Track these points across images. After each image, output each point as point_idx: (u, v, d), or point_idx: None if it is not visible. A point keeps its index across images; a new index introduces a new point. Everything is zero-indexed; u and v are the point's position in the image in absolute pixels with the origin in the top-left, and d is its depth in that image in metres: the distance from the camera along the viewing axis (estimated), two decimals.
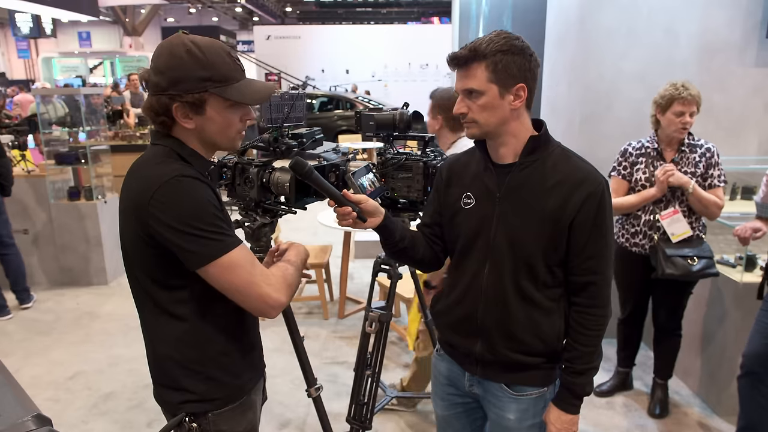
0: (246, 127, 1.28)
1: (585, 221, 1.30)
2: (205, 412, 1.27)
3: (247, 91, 1.20)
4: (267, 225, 2.02)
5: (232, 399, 1.30)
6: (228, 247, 1.14)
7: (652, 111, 2.53)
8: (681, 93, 2.39)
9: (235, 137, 1.25)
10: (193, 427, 1.27)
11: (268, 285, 1.17)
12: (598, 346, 1.37)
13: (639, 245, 2.61)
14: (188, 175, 1.15)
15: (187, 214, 1.12)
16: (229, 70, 1.18)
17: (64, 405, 2.97)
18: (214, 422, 1.28)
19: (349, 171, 1.82)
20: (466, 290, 1.42)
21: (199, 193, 1.14)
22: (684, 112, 2.41)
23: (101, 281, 4.67)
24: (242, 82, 1.21)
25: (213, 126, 1.20)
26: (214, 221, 1.14)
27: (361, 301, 4.10)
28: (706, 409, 2.86)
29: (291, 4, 26.06)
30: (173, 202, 1.12)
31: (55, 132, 4.72)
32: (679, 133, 2.46)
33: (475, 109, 1.30)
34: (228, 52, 1.20)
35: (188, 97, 1.15)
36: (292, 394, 3.00)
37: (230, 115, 1.21)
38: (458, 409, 1.56)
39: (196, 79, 1.14)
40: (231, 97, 1.18)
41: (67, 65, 23.35)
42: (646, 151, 2.56)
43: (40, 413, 0.74)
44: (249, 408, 1.36)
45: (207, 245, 1.12)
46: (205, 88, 1.15)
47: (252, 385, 1.37)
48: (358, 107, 11.08)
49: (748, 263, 2.71)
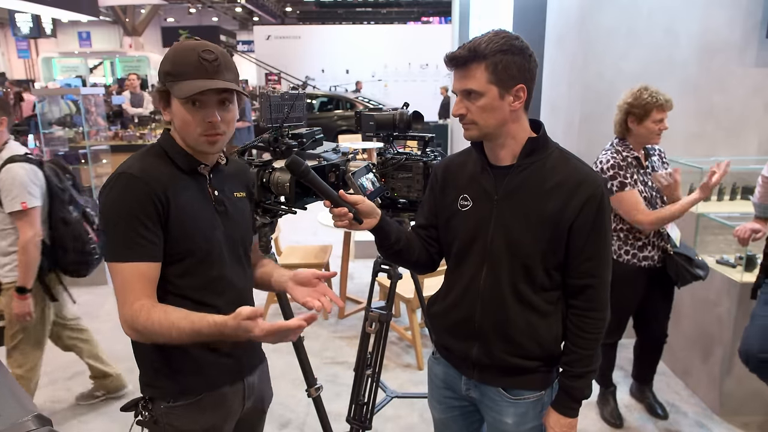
0: (216, 130, 1.23)
1: (584, 224, 1.29)
2: (156, 400, 1.30)
3: (184, 87, 1.19)
4: (267, 225, 2.02)
5: (183, 394, 1.30)
6: (117, 256, 1.19)
7: (621, 119, 2.43)
8: (659, 100, 2.33)
9: (198, 138, 1.23)
10: (145, 414, 1.31)
11: (122, 311, 1.19)
12: (596, 349, 1.36)
13: (649, 258, 2.47)
14: (133, 174, 1.20)
15: (107, 210, 1.20)
16: (186, 68, 1.20)
17: (64, 405, 2.97)
18: (166, 414, 1.30)
19: (349, 171, 1.82)
20: (463, 293, 1.40)
21: (127, 195, 1.18)
22: (663, 118, 2.37)
23: (101, 281, 4.66)
24: (194, 80, 1.19)
25: (177, 121, 1.25)
26: (125, 227, 1.18)
27: (361, 301, 4.09)
28: (706, 409, 2.86)
29: (291, 4, 26.06)
30: (106, 196, 1.20)
31: (57, 132, 4.73)
32: (656, 140, 2.42)
33: (474, 110, 1.28)
34: (199, 52, 1.20)
35: (160, 87, 1.24)
36: (292, 394, 3.00)
37: (186, 113, 1.21)
38: (455, 412, 1.55)
39: (162, 72, 1.23)
40: (170, 90, 1.22)
41: (67, 65, 23.35)
42: (629, 161, 2.42)
43: (40, 413, 0.74)
44: (208, 410, 1.34)
45: (109, 244, 1.20)
46: (164, 81, 1.23)
47: (208, 386, 1.33)
48: (358, 107, 11.09)
49: (748, 263, 2.71)
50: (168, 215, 1.21)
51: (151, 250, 1.19)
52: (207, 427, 1.34)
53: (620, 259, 2.49)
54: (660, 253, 2.48)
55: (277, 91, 1.91)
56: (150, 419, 1.30)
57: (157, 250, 1.21)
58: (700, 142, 3.44)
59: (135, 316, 1.17)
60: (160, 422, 1.30)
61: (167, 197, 1.21)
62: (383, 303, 2.17)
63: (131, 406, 1.34)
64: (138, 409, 1.32)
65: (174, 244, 1.23)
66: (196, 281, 1.28)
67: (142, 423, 1.32)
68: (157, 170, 1.23)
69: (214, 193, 1.33)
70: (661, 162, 2.56)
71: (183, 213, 1.24)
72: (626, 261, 2.49)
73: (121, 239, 1.18)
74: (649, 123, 2.37)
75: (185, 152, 1.28)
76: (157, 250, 1.21)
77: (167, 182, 1.23)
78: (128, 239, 1.17)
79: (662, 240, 2.48)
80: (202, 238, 1.27)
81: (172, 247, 1.23)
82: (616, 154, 2.43)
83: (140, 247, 1.18)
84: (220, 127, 1.24)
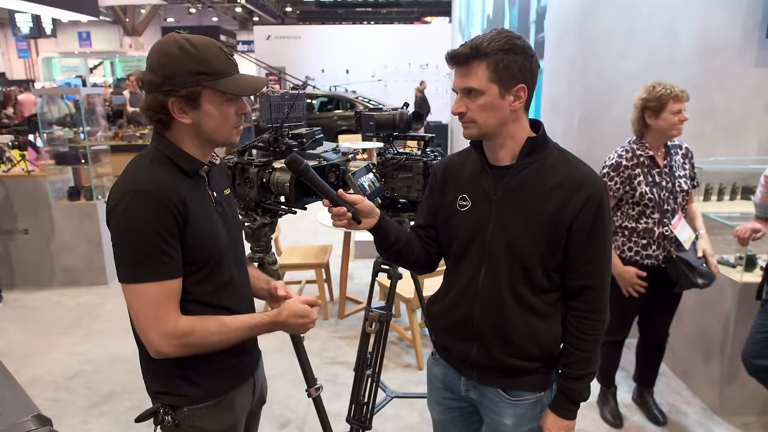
0: (242, 121, 1.28)
1: (584, 225, 1.28)
2: (180, 406, 1.29)
3: (239, 84, 1.21)
4: (267, 225, 2.02)
5: (206, 397, 1.30)
6: (135, 278, 1.16)
7: (638, 116, 2.42)
8: (673, 91, 2.33)
9: (231, 132, 1.26)
10: (167, 420, 1.29)
11: (157, 330, 1.17)
12: (595, 350, 1.35)
13: (653, 257, 2.45)
14: (148, 190, 1.15)
15: (120, 231, 1.16)
16: (221, 65, 1.19)
17: (64, 405, 2.97)
18: (189, 417, 1.29)
19: (349, 171, 1.82)
20: (462, 294, 1.40)
21: (143, 213, 1.14)
22: (681, 109, 2.35)
23: (101, 281, 4.67)
24: (235, 75, 1.22)
25: (210, 120, 1.21)
26: (140, 246, 1.14)
27: (361, 301, 4.09)
28: (706, 410, 2.86)
29: (291, 4, 26.05)
30: (118, 216, 1.16)
31: (57, 132, 4.72)
32: (677, 132, 2.38)
33: (474, 108, 1.27)
34: (220, 47, 1.21)
35: (183, 92, 1.16)
36: (292, 394, 3.00)
37: (226, 108, 1.22)
38: (454, 413, 1.55)
39: (189, 73, 1.16)
40: (225, 89, 1.19)
41: (67, 65, 23.38)
42: (640, 160, 2.40)
43: (40, 413, 0.74)
44: (228, 408, 1.35)
45: (122, 266, 1.17)
46: (199, 82, 1.17)
47: (230, 386, 1.35)
48: (358, 107, 11.08)
49: (748, 263, 2.71)
50: (186, 224, 1.19)
51: (175, 266, 1.18)
52: (227, 427, 1.35)
53: (623, 255, 2.49)
54: (665, 253, 2.45)
55: (276, 91, 1.91)
56: (172, 423, 1.29)
57: (179, 265, 1.19)
58: (700, 142, 3.43)
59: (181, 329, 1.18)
60: (183, 425, 1.29)
61: (185, 205, 1.18)
62: (383, 303, 2.17)
63: (149, 415, 1.31)
64: (158, 417, 1.30)
65: (193, 254, 1.21)
66: (209, 287, 1.27)
67: (164, 429, 1.31)
68: (169, 179, 1.20)
69: (213, 194, 1.32)
70: (686, 161, 2.50)
71: (197, 220, 1.22)
72: (629, 257, 2.48)
73: (144, 258, 1.14)
74: (667, 114, 2.35)
75: (189, 156, 1.25)
76: (179, 265, 1.19)
77: (181, 190, 1.19)
78: (151, 258, 1.14)
79: (667, 241, 2.44)
80: (214, 243, 1.26)
81: (191, 257, 1.21)
82: (625, 153, 2.43)
83: (165, 265, 1.16)
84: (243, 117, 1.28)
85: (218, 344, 1.23)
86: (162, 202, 1.15)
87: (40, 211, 4.58)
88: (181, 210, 1.17)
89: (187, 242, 1.19)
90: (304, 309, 1.33)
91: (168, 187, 1.17)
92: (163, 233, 1.14)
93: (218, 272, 1.28)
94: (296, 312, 1.32)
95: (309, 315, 1.33)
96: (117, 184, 1.19)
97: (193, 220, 1.20)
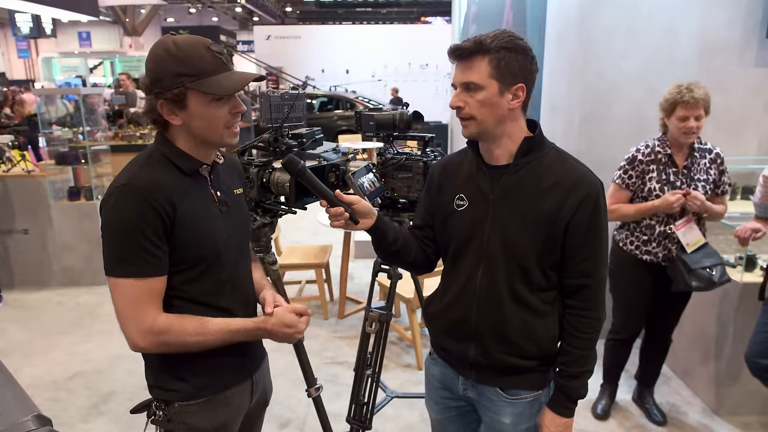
0: (237, 120, 1.27)
1: (580, 224, 1.29)
2: (172, 402, 1.30)
3: (223, 83, 1.19)
4: (267, 225, 2.02)
5: (197, 394, 1.31)
6: (117, 272, 1.18)
7: (660, 114, 2.42)
8: (684, 96, 2.26)
9: (222, 132, 1.24)
10: (159, 414, 1.30)
11: (135, 325, 1.18)
12: (592, 349, 1.36)
13: (652, 253, 2.46)
14: (135, 186, 1.16)
15: (107, 223, 1.18)
16: (205, 64, 1.18)
17: (64, 405, 2.97)
18: (180, 413, 1.30)
19: (349, 171, 1.82)
20: (460, 293, 1.40)
21: (128, 209, 1.15)
22: (688, 116, 2.27)
23: (101, 281, 4.66)
24: (221, 74, 1.20)
25: (198, 121, 1.21)
26: (130, 242, 1.16)
27: (361, 301, 4.09)
28: (706, 410, 2.86)
29: (291, 4, 26.06)
30: (108, 210, 1.18)
31: (56, 132, 4.73)
32: (685, 138, 2.33)
33: (472, 104, 1.27)
34: (207, 47, 1.19)
35: (168, 94, 1.17)
36: (292, 394, 3.00)
37: (213, 109, 1.20)
38: (452, 412, 1.55)
39: (172, 75, 1.17)
40: (207, 90, 1.18)
41: (67, 65, 23.37)
42: (657, 157, 2.39)
43: (40, 413, 0.74)
44: (220, 407, 1.35)
45: (108, 259, 1.19)
46: (182, 83, 1.17)
47: (223, 386, 1.35)
48: (358, 107, 11.09)
49: (748, 263, 2.71)
50: (174, 223, 1.19)
51: (158, 265, 1.19)
52: (218, 425, 1.35)
53: (624, 248, 2.55)
54: (666, 252, 2.45)
55: (277, 91, 1.91)
56: (164, 418, 1.30)
57: (163, 264, 1.20)
58: None
59: (157, 326, 1.19)
60: (174, 420, 1.31)
61: (173, 205, 1.19)
62: (383, 303, 2.17)
63: (142, 407, 1.33)
64: (151, 409, 1.32)
65: (184, 252, 1.22)
66: (206, 286, 1.27)
67: (155, 422, 1.32)
68: (160, 178, 1.20)
69: (216, 193, 1.32)
70: (713, 166, 2.42)
71: (190, 219, 1.22)
72: (629, 250, 2.53)
73: (127, 254, 1.16)
74: (674, 119, 2.32)
75: (187, 154, 1.25)
76: (163, 264, 1.20)
77: (171, 189, 1.20)
78: (134, 254, 1.16)
79: (670, 240, 2.44)
80: (211, 242, 1.26)
81: (182, 255, 1.22)
82: (644, 148, 2.45)
83: (147, 263, 1.17)
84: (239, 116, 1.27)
85: (197, 345, 1.23)
86: (147, 200, 1.16)
87: (40, 211, 4.58)
88: (168, 209, 1.18)
89: (178, 240, 1.20)
90: (293, 319, 1.32)
91: (156, 186, 1.18)
92: (146, 231, 1.15)
93: (215, 271, 1.28)
94: (284, 322, 1.31)
95: (297, 325, 1.32)
96: (113, 181, 1.22)
97: (185, 219, 1.20)
